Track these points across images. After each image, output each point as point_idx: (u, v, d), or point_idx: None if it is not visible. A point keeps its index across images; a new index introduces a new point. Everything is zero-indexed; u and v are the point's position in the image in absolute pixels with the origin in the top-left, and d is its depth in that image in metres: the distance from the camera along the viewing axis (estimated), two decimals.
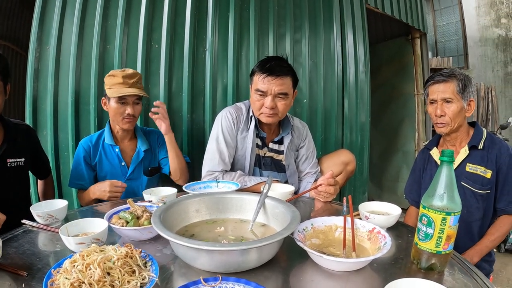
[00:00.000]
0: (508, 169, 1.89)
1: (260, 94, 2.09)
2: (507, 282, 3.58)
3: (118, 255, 0.96)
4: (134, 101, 2.21)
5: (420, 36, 5.44)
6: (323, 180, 1.87)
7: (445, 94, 1.94)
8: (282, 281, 1.06)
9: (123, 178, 2.31)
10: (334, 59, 3.67)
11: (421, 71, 5.43)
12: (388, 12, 4.53)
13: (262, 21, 3.11)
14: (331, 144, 3.67)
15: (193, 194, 1.47)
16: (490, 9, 11.61)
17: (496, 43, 11.49)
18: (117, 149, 2.30)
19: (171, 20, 2.67)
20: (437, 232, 1.09)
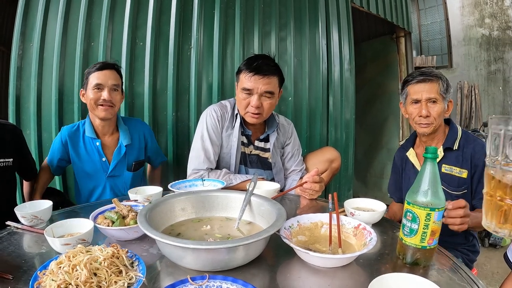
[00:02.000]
0: (483, 167, 1.90)
1: (246, 92, 2.09)
2: (492, 275, 3.65)
3: (105, 256, 0.95)
4: (111, 87, 2.13)
5: (404, 35, 5.51)
6: (308, 177, 1.88)
7: (431, 94, 1.93)
8: (269, 278, 1.06)
9: (104, 175, 2.25)
10: (319, 57, 3.70)
11: (405, 69, 5.51)
12: (373, 11, 4.57)
13: (247, 19, 3.11)
14: (316, 142, 3.69)
15: (179, 193, 1.46)
16: (474, 9, 11.80)
17: (480, 43, 11.69)
18: (98, 142, 2.21)
19: (156, 18, 2.65)
20: (422, 228, 1.11)
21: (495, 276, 3.59)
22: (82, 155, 2.22)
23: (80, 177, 2.26)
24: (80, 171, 2.24)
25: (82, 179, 2.26)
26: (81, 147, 2.22)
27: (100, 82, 2.09)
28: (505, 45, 11.16)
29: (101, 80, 2.09)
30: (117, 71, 2.18)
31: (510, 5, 11.04)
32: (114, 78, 2.14)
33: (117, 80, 2.16)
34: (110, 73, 2.13)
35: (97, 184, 2.26)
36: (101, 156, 2.22)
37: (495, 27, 11.38)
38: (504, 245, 4.12)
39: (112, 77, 2.13)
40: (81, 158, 2.22)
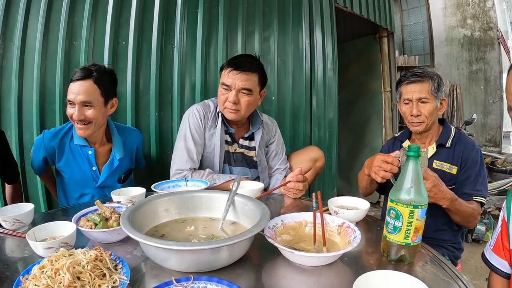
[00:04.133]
0: (470, 163, 1.96)
1: (225, 88, 2.11)
2: (475, 270, 3.74)
3: (88, 259, 0.94)
4: (81, 103, 1.88)
5: (387, 35, 5.57)
6: (292, 176, 1.90)
7: (421, 94, 1.99)
8: (255, 278, 1.07)
9: (94, 184, 2.13)
10: (303, 56, 3.71)
11: (388, 69, 5.57)
12: (357, 11, 4.61)
13: (231, 19, 3.10)
14: (299, 141, 3.71)
15: (162, 194, 1.46)
16: (457, 10, 12.01)
17: (462, 43, 11.93)
18: (91, 151, 2.06)
19: (139, 17, 2.62)
20: (405, 225, 1.13)
21: (479, 271, 3.68)
22: (70, 162, 2.07)
23: (66, 184, 2.16)
24: (67, 178, 2.13)
25: (69, 186, 2.15)
26: (69, 154, 2.07)
27: (69, 97, 1.88)
28: (487, 46, 11.41)
29: (71, 96, 1.87)
30: (95, 80, 1.91)
31: (491, 6, 11.26)
32: (85, 92, 1.87)
33: (90, 95, 1.89)
34: (82, 85, 1.88)
35: (85, 192, 2.15)
36: (91, 165, 2.09)
37: (477, 27, 11.61)
38: (487, 240, 4.21)
39: (83, 91, 1.87)
40: (68, 165, 2.08)
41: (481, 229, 4.41)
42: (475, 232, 4.41)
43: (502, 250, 1.30)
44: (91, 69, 1.93)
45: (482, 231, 4.41)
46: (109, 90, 2.00)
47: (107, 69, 2.03)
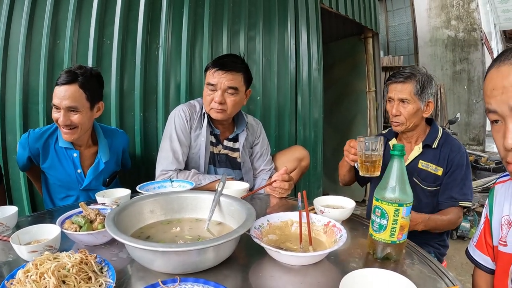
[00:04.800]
0: (456, 166, 1.98)
1: (211, 88, 2.10)
2: (461, 266, 3.81)
3: (73, 262, 0.93)
4: (67, 109, 1.85)
5: (372, 35, 5.61)
6: (278, 176, 1.90)
7: (402, 94, 1.99)
8: (242, 278, 1.07)
9: (78, 187, 2.09)
10: (288, 56, 3.72)
11: (372, 69, 5.62)
12: (342, 12, 4.63)
13: (216, 18, 3.09)
14: (285, 141, 3.72)
15: (147, 195, 1.45)
16: (441, 12, 12.19)
17: (446, 44, 12.11)
18: (76, 154, 2.02)
19: (124, 16, 2.59)
20: (391, 223, 1.15)
21: (464, 267, 3.74)
22: (55, 164, 2.03)
23: (51, 185, 2.12)
24: (51, 179, 2.09)
25: (54, 187, 2.12)
26: (53, 155, 2.03)
27: (54, 102, 1.84)
28: (470, 46, 11.60)
29: (56, 100, 1.83)
30: (81, 85, 1.87)
31: (475, 8, 11.44)
32: (71, 97, 1.84)
33: (76, 100, 1.85)
34: (68, 90, 1.83)
35: (69, 194, 2.12)
36: (76, 168, 2.05)
37: (461, 29, 11.80)
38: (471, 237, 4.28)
39: (68, 96, 1.83)
40: (53, 167, 2.04)
41: (466, 226, 4.50)
42: (460, 229, 4.50)
43: (485, 246, 1.33)
44: (77, 72, 1.88)
45: (467, 228, 4.51)
46: (95, 94, 1.97)
47: (94, 72, 1.99)
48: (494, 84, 0.97)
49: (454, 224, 1.98)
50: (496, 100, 0.96)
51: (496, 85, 0.96)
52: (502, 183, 1.30)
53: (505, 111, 0.94)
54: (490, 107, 0.99)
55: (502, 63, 0.95)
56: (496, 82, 0.96)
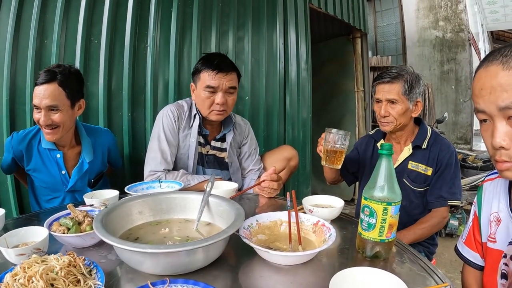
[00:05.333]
0: (445, 166, 1.99)
1: (211, 91, 2.10)
2: (450, 263, 3.86)
3: (61, 265, 0.92)
4: (47, 108, 1.83)
5: (361, 36, 5.65)
6: (266, 176, 1.90)
7: (390, 95, 1.99)
8: (232, 279, 1.07)
9: (64, 188, 2.07)
10: (277, 56, 3.73)
11: (361, 69, 5.66)
12: (331, 12, 4.65)
13: (205, 18, 3.09)
14: (273, 141, 3.72)
15: (136, 196, 1.44)
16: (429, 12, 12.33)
17: (434, 44, 12.26)
18: (59, 155, 2.00)
19: (112, 15, 2.57)
20: (380, 222, 1.15)
21: (453, 264, 3.80)
22: (39, 165, 2.02)
23: (36, 187, 2.10)
24: (37, 181, 2.07)
25: (39, 190, 2.10)
26: (37, 157, 2.01)
27: (34, 102, 1.83)
28: (458, 47, 11.75)
29: (36, 100, 1.82)
30: (60, 83, 1.85)
31: (463, 9, 11.58)
32: (51, 96, 1.82)
33: (56, 99, 1.83)
34: (47, 89, 1.81)
35: (55, 196, 2.10)
36: (60, 169, 2.04)
37: (449, 29, 11.94)
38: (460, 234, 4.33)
39: (48, 95, 1.81)
40: (38, 169, 2.03)
41: (454, 223, 4.57)
42: (449, 226, 4.57)
43: (474, 243, 1.34)
44: (55, 71, 1.86)
45: (455, 226, 4.57)
46: (75, 92, 1.95)
47: (73, 69, 1.97)
48: (483, 84, 0.98)
49: (438, 226, 2.03)
50: (484, 100, 0.98)
51: (484, 85, 0.97)
52: (491, 180, 1.31)
53: (493, 110, 0.96)
54: (478, 107, 1.00)
55: (490, 63, 0.96)
56: (485, 82, 0.97)
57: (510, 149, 0.96)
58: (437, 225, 2.00)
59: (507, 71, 0.92)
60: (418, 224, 2.00)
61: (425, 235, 1.99)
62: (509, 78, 0.92)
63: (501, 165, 1.00)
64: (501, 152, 0.98)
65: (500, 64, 0.94)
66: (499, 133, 0.96)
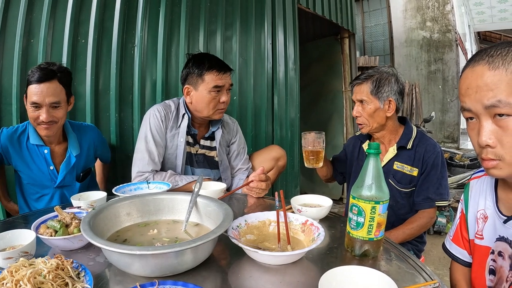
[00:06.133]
0: (431, 167, 1.99)
1: (218, 90, 2.12)
2: (438, 260, 3.90)
3: (49, 268, 0.91)
4: (50, 105, 1.89)
5: (348, 36, 5.69)
6: (255, 176, 1.91)
7: (360, 95, 2.03)
8: (221, 279, 1.07)
9: (52, 184, 2.10)
10: (265, 56, 3.74)
11: (349, 69, 5.70)
12: (319, 13, 4.67)
13: (193, 17, 3.08)
14: (261, 140, 3.73)
15: (123, 197, 1.43)
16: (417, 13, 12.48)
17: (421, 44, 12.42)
18: (46, 150, 2.03)
19: (99, 14, 2.54)
20: (368, 221, 1.16)
21: (442, 261, 3.85)
22: (27, 162, 2.04)
23: (24, 185, 2.11)
24: (25, 178, 2.08)
25: (27, 187, 2.11)
26: (26, 154, 2.03)
27: (36, 100, 1.86)
28: (445, 47, 11.91)
29: (38, 98, 1.85)
30: (60, 80, 1.93)
31: (450, 10, 11.72)
32: (54, 93, 1.89)
33: (58, 95, 1.91)
34: (49, 87, 1.87)
35: (44, 193, 2.11)
36: (49, 164, 2.07)
37: (436, 30, 12.10)
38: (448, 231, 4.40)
39: (51, 92, 1.88)
40: (26, 165, 2.05)
41: (442, 221, 4.63)
42: (437, 224, 4.63)
43: (461, 240, 1.37)
44: (53, 69, 1.92)
45: (443, 223, 4.64)
46: (70, 88, 2.03)
47: (64, 67, 2.03)
48: (469, 83, 1.00)
49: (427, 226, 2.05)
50: (470, 99, 1.00)
51: (471, 84, 0.99)
52: (477, 178, 1.33)
53: (479, 109, 0.98)
54: (464, 106, 1.02)
55: (477, 63, 0.99)
56: (471, 81, 1.00)
57: (496, 147, 0.98)
58: (426, 225, 2.02)
59: (492, 71, 0.94)
60: (406, 224, 2.01)
61: (414, 234, 2.01)
62: (495, 77, 0.94)
63: (487, 163, 1.02)
64: (487, 150, 1.00)
65: (486, 64, 0.96)
66: (485, 132, 0.98)
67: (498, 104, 0.94)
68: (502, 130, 0.96)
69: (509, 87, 0.92)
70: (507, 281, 1.12)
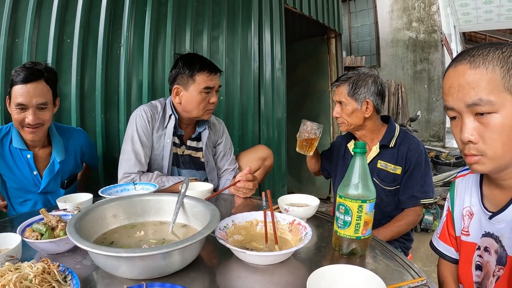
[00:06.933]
0: (415, 165, 2.02)
1: (208, 91, 2.13)
2: (426, 257, 3.96)
3: (35, 272, 0.90)
4: (37, 106, 1.81)
5: (335, 36, 5.71)
6: (241, 176, 1.91)
7: (339, 97, 2.08)
8: (209, 280, 1.07)
9: (36, 189, 2.02)
10: (251, 56, 3.74)
11: (335, 69, 5.72)
12: (306, 13, 4.68)
13: (180, 17, 3.07)
14: (248, 140, 3.73)
15: (110, 199, 1.42)
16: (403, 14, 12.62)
17: (407, 45, 12.57)
18: (29, 155, 1.95)
19: (85, 14, 2.51)
20: (355, 219, 1.18)
21: (429, 258, 3.90)
22: (10, 166, 1.96)
23: (8, 188, 2.05)
24: (8, 182, 2.02)
25: (11, 191, 2.05)
26: (8, 157, 1.95)
27: (22, 101, 1.77)
28: (431, 47, 12.08)
29: (24, 99, 1.77)
30: (47, 80, 1.85)
31: (436, 10, 11.87)
32: (41, 94, 1.81)
33: (45, 96, 1.83)
34: (36, 87, 1.79)
35: (28, 198, 2.05)
36: (32, 169, 1.99)
37: (422, 30, 12.26)
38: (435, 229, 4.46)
39: (38, 93, 1.80)
40: (9, 169, 1.97)
41: (429, 219, 4.70)
42: (424, 222, 4.70)
43: (448, 237, 1.40)
44: (40, 69, 1.84)
45: (430, 221, 4.71)
46: (56, 89, 1.96)
47: (50, 67, 1.96)
48: (451, 82, 1.04)
49: (414, 224, 2.08)
50: (453, 98, 1.04)
51: (453, 84, 1.03)
52: (463, 176, 1.37)
53: (462, 107, 1.02)
54: (448, 104, 1.06)
55: (459, 63, 1.03)
56: (453, 80, 1.04)
57: (478, 143, 1.02)
58: (413, 222, 2.05)
59: (473, 70, 0.98)
60: (394, 222, 2.04)
61: (401, 232, 2.03)
62: (476, 76, 0.98)
63: (470, 158, 1.05)
64: (470, 146, 1.03)
65: (467, 64, 1.00)
66: (468, 128, 1.02)
67: (479, 102, 0.97)
68: (483, 127, 1.00)
69: (490, 86, 0.96)
70: (493, 276, 1.15)
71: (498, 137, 0.99)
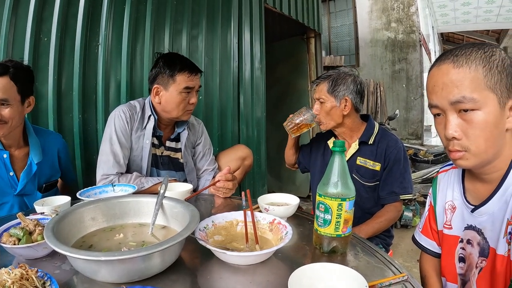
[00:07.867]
0: (394, 161, 2.07)
1: (188, 92, 2.11)
2: (407, 253, 4.04)
3: (13, 279, 0.88)
4: None
5: (315, 36, 5.76)
6: (221, 176, 1.91)
7: (319, 94, 2.13)
8: (190, 282, 1.07)
9: (13, 191, 1.95)
10: (231, 56, 3.74)
11: (314, 68, 5.77)
12: (286, 12, 4.71)
13: (158, 16, 3.04)
14: (227, 140, 3.74)
15: (88, 201, 1.39)
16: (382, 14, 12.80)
17: (386, 44, 12.77)
18: (6, 155, 1.88)
19: (63, 11, 2.46)
20: (335, 217, 1.19)
21: (410, 253, 3.98)
22: None
23: None
24: None
25: None
26: None
27: None
28: (409, 47, 12.29)
29: None
30: (12, 76, 1.78)
31: (415, 11, 12.07)
32: (2, 90, 1.74)
33: (6, 92, 1.76)
34: None
35: (4, 201, 1.96)
36: (8, 170, 1.92)
37: (400, 30, 12.47)
38: (414, 225, 4.61)
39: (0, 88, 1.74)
40: None
41: (409, 215, 4.80)
42: (403, 218, 4.79)
43: (430, 231, 1.45)
44: (7, 65, 1.79)
45: (410, 217, 4.81)
46: (26, 87, 1.89)
47: (24, 65, 1.91)
48: (435, 81, 1.08)
49: (393, 220, 2.13)
50: (437, 96, 1.08)
51: (437, 82, 1.07)
52: (445, 172, 1.42)
53: (445, 105, 1.06)
54: (432, 102, 1.10)
55: (443, 62, 1.07)
56: (437, 79, 1.07)
57: (462, 139, 1.05)
58: (393, 218, 2.10)
59: (457, 69, 1.02)
60: (374, 218, 2.07)
61: (382, 228, 2.07)
62: (459, 75, 1.02)
63: (454, 154, 1.09)
64: (454, 142, 1.07)
65: (451, 63, 1.04)
66: (451, 125, 1.05)
67: (463, 99, 1.01)
68: (467, 124, 1.04)
69: (473, 84, 1.00)
70: (476, 267, 1.20)
71: (481, 133, 1.03)
